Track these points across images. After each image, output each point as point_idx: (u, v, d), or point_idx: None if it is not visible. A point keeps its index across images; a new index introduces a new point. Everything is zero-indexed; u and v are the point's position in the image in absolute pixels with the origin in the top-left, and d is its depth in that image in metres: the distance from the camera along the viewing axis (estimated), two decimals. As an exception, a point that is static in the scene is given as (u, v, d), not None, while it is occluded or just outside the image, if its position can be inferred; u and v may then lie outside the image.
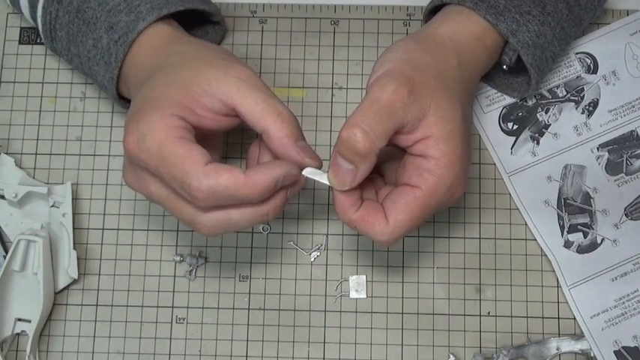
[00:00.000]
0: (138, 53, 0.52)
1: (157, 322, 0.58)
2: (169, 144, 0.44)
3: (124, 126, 0.46)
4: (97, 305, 0.59)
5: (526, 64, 0.54)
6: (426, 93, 0.46)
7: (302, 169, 0.47)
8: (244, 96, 0.46)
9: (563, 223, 0.59)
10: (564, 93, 0.61)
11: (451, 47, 0.51)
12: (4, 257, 0.57)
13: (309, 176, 0.47)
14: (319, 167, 0.47)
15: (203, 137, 0.48)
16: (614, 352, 0.57)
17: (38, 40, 0.63)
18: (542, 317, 0.58)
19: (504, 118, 0.61)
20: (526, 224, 0.59)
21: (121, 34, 0.52)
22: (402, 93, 0.45)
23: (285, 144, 0.46)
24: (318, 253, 0.59)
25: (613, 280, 0.58)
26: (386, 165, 0.51)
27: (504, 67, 0.57)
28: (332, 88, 0.62)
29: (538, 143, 0.60)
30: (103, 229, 0.60)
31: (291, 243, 0.59)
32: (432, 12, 0.56)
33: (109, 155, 0.61)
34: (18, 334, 0.58)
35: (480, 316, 0.58)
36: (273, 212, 0.47)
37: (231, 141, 0.61)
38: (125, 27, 0.52)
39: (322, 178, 0.47)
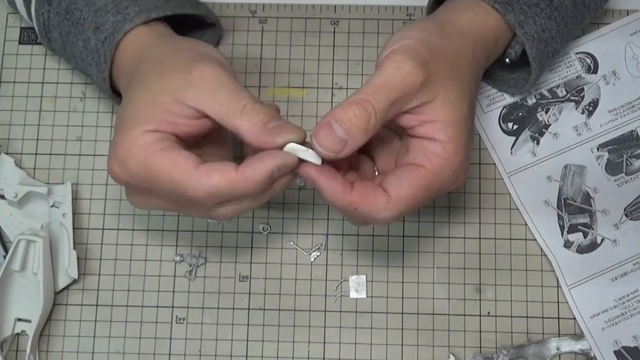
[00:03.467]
0: (122, 58, 0.51)
1: (156, 322, 0.58)
2: (152, 161, 0.43)
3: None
4: (97, 305, 0.59)
5: (529, 58, 0.54)
6: (438, 79, 0.45)
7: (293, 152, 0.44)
8: (209, 99, 0.44)
9: (563, 223, 0.59)
10: (564, 93, 0.61)
11: (467, 36, 0.50)
12: (4, 257, 0.57)
13: (291, 152, 0.44)
14: (300, 140, 0.44)
15: (206, 138, 0.48)
16: (614, 352, 0.57)
17: (38, 40, 0.63)
18: (542, 317, 0.58)
19: (504, 118, 0.61)
20: (526, 224, 0.59)
21: (107, 35, 0.51)
22: (415, 78, 0.44)
23: (255, 133, 0.43)
24: (318, 253, 0.59)
25: (613, 280, 0.58)
26: (379, 150, 0.50)
27: (507, 60, 0.56)
28: (332, 88, 0.62)
29: (538, 143, 0.60)
30: (103, 229, 0.60)
31: (291, 243, 0.59)
32: (436, 3, 0.56)
33: (109, 155, 0.61)
34: (18, 334, 0.58)
35: (480, 316, 0.58)
36: (279, 189, 0.46)
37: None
38: (111, 27, 0.51)
39: (306, 155, 0.44)
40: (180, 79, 0.45)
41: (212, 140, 0.49)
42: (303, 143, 0.45)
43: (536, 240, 0.59)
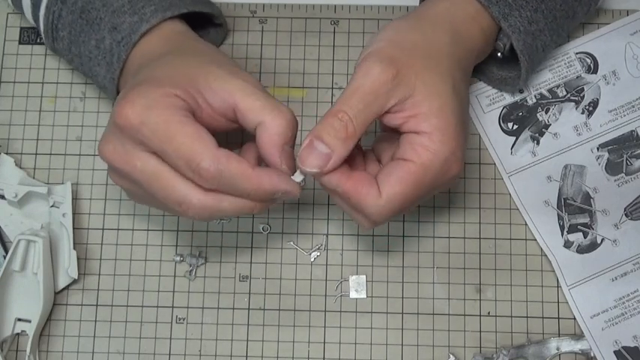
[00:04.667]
0: (140, 52, 0.52)
1: (156, 322, 0.58)
2: (176, 122, 0.43)
3: (118, 98, 0.45)
4: (97, 305, 0.59)
5: (516, 50, 0.54)
6: (412, 72, 0.46)
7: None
8: (246, 94, 0.45)
9: (563, 223, 0.59)
10: (564, 93, 0.61)
11: (444, 25, 0.51)
12: (4, 257, 0.57)
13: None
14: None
15: None
16: (614, 352, 0.57)
17: (38, 40, 0.63)
18: (542, 317, 0.58)
19: (504, 118, 0.61)
20: (526, 224, 0.59)
21: (124, 35, 0.52)
22: (385, 77, 0.45)
23: (273, 141, 0.45)
24: (318, 253, 0.59)
25: (613, 280, 0.58)
26: (384, 153, 0.51)
27: (499, 54, 0.57)
28: (332, 88, 0.62)
29: (538, 143, 0.60)
30: (103, 229, 0.60)
31: (291, 243, 0.59)
32: None
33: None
34: (18, 334, 0.58)
35: (480, 316, 0.58)
36: (259, 210, 0.46)
37: (231, 141, 0.61)
38: (128, 28, 0.52)
39: (297, 178, 0.46)
40: (223, 73, 0.46)
41: None
42: None
43: (536, 240, 0.59)
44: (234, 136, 0.61)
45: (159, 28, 0.52)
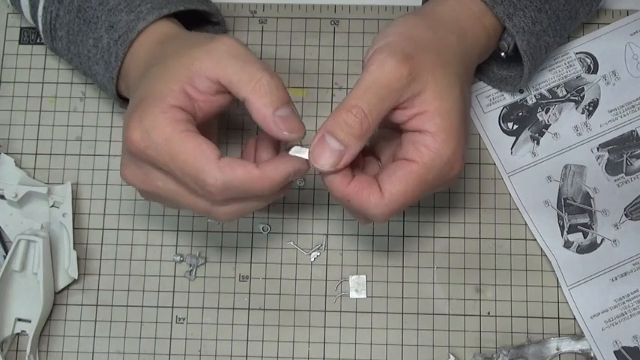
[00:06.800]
0: (137, 50, 0.52)
1: (156, 322, 0.58)
2: (177, 139, 0.43)
3: (124, 122, 0.46)
4: (97, 305, 0.59)
5: (520, 51, 0.54)
6: (425, 70, 0.46)
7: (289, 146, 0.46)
8: (225, 67, 0.45)
9: (563, 223, 0.59)
10: (564, 93, 0.61)
11: (450, 25, 0.51)
12: (4, 257, 0.57)
13: (293, 154, 0.46)
14: (302, 137, 0.46)
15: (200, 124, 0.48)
16: (614, 352, 0.57)
17: (38, 40, 0.63)
18: (542, 317, 0.58)
19: (504, 118, 0.61)
20: (526, 224, 0.59)
21: (121, 34, 0.52)
22: (400, 72, 0.45)
23: (262, 114, 0.44)
24: (318, 253, 0.59)
25: (613, 280, 0.58)
26: (383, 150, 0.51)
27: (502, 54, 0.57)
28: (332, 88, 0.62)
29: (538, 143, 0.60)
30: (103, 229, 0.60)
31: (291, 243, 0.59)
32: None
33: (109, 155, 0.61)
34: (18, 334, 0.58)
35: (480, 316, 0.58)
36: (279, 196, 0.47)
37: (231, 141, 0.61)
38: (125, 26, 0.52)
39: (307, 155, 0.46)
40: (199, 51, 0.46)
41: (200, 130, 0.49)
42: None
43: (536, 240, 0.59)
44: (234, 135, 0.61)
45: (151, 32, 0.52)
